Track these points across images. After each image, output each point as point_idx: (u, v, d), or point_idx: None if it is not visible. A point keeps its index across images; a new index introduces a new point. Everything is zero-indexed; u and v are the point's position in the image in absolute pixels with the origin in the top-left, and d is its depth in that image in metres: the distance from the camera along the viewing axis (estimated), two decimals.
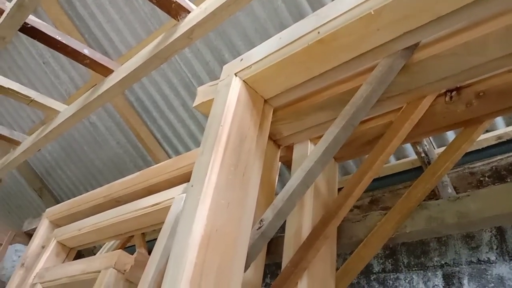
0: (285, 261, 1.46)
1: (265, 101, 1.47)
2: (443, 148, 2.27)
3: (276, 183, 1.69)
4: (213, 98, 1.44)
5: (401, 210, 1.63)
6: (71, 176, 4.36)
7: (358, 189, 1.47)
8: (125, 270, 1.89)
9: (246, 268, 1.20)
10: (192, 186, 1.20)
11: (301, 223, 1.50)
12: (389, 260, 2.35)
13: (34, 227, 3.78)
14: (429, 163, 2.05)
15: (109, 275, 1.88)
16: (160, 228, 1.80)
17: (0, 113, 4.52)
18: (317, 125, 1.57)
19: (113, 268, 1.89)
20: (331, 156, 1.26)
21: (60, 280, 2.22)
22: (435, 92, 1.42)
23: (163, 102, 3.34)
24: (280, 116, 1.57)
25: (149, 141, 3.49)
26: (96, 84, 2.35)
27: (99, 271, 1.95)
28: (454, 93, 1.41)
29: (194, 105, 1.61)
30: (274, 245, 1.93)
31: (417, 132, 1.51)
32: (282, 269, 1.44)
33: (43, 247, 2.71)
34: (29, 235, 3.70)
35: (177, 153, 3.45)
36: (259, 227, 1.24)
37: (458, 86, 1.41)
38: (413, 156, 2.43)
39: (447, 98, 1.42)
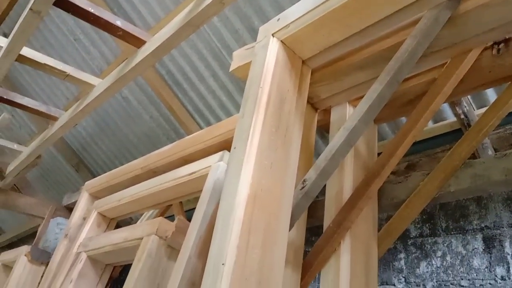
0: (326, 222, 1.46)
1: (303, 62, 1.44)
2: (483, 110, 2.19)
3: (314, 147, 1.68)
4: (250, 61, 1.43)
5: (445, 169, 1.58)
6: (106, 151, 4.46)
7: (402, 148, 1.44)
8: (166, 237, 1.93)
9: (290, 227, 1.20)
10: (235, 148, 1.21)
11: (342, 184, 1.49)
12: (427, 225, 2.31)
13: (73, 201, 3.91)
14: (469, 125, 1.99)
15: (151, 242, 1.93)
16: (198, 197, 1.83)
17: (35, 91, 4.62)
18: (356, 86, 1.53)
19: (155, 234, 1.93)
20: (375, 114, 1.23)
21: (104, 248, 2.29)
22: (482, 45, 1.35)
23: (193, 74, 3.34)
24: (318, 77, 1.54)
25: (181, 114, 3.51)
26: (127, 58, 2.37)
27: (142, 238, 1.99)
28: (502, 45, 1.34)
29: (230, 69, 1.60)
30: (312, 208, 1.93)
31: (462, 89, 1.45)
32: (324, 229, 1.44)
33: (84, 218, 2.80)
34: (69, 209, 3.82)
35: (209, 124, 3.46)
36: (303, 187, 1.24)
37: (506, 37, 1.34)
38: (451, 118, 2.36)
39: (494, 51, 1.36)
